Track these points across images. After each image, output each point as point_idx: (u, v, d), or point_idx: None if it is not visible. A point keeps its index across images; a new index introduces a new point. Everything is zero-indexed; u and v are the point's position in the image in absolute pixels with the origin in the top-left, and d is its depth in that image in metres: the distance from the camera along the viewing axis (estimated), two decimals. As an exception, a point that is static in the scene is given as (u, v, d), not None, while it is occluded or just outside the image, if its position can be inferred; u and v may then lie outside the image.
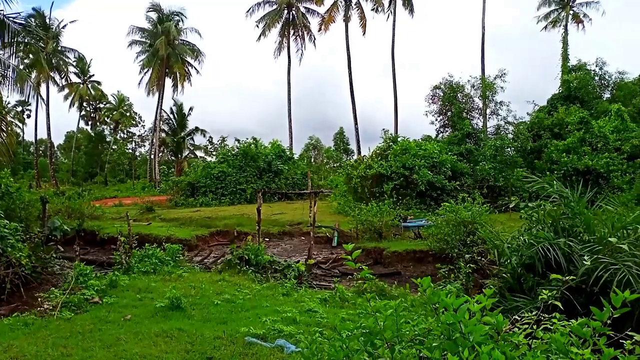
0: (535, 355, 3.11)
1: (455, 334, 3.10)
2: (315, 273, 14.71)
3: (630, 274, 5.72)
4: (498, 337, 3.44)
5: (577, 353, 3.08)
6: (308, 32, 52.95)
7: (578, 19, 46.19)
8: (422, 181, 26.74)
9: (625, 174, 26.17)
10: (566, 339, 3.25)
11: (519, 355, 3.20)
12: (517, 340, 3.55)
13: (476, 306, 3.23)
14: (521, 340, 3.55)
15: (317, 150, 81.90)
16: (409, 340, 4.06)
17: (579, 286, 6.14)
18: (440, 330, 3.25)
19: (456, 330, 3.09)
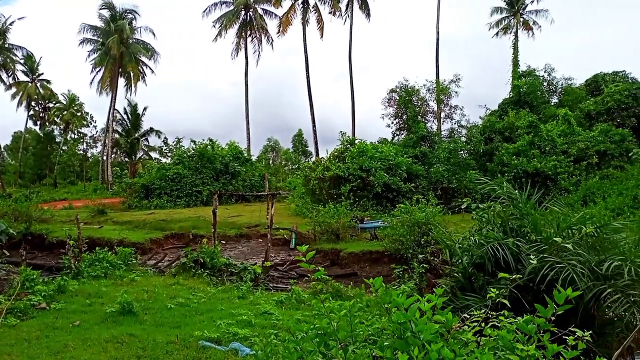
0: (483, 352, 3.19)
1: (406, 332, 3.15)
2: (272, 275, 14.65)
3: (575, 272, 5.95)
4: (448, 335, 3.52)
5: (522, 349, 3.19)
6: (266, 33, 52.73)
7: (528, 26, 47.86)
8: (378, 183, 27.08)
9: (572, 176, 27.29)
10: (512, 335, 3.35)
11: (467, 353, 3.27)
12: (466, 338, 3.64)
13: (427, 305, 3.29)
14: (470, 338, 3.64)
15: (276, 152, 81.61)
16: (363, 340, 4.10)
17: (527, 284, 6.35)
18: (391, 329, 3.30)
19: (407, 329, 3.14)
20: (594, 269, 6.21)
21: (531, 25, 47.64)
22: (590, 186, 24.18)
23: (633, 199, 19.57)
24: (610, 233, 7.11)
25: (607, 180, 24.63)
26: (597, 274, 6.22)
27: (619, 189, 21.90)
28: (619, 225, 7.25)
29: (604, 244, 6.83)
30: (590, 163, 27.81)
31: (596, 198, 22.22)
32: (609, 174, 25.58)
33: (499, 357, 3.27)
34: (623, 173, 24.27)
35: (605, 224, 7.00)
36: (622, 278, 6.13)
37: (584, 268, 6.04)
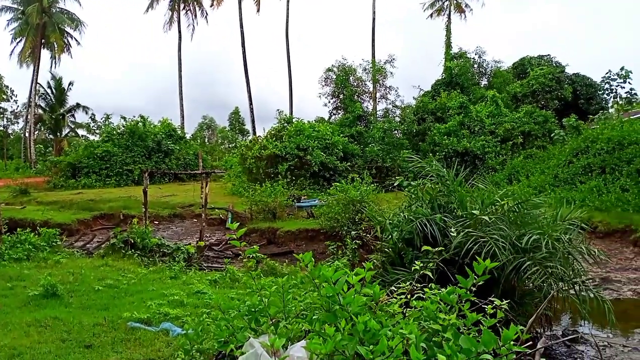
0: (408, 322, 3.31)
1: (334, 306, 3.20)
2: (207, 255, 14.47)
3: (496, 246, 6.26)
4: (376, 308, 3.62)
5: (444, 319, 3.33)
6: (200, 6, 51.14)
7: (460, 9, 49.20)
8: (315, 162, 27.23)
9: (499, 156, 28.65)
10: (435, 306, 3.49)
11: (393, 324, 3.38)
12: (392, 310, 3.76)
13: (355, 278, 3.36)
14: (396, 310, 3.77)
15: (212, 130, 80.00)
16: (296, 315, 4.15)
17: (453, 258, 6.62)
18: (320, 303, 3.35)
19: (335, 303, 3.20)
20: (514, 243, 6.55)
21: (464, 8, 48.99)
22: (515, 165, 25.47)
23: (554, 178, 20.78)
24: (530, 208, 7.51)
25: (530, 159, 26.02)
26: (517, 247, 6.56)
27: (542, 167, 23.20)
28: (539, 201, 7.68)
29: (524, 219, 7.21)
30: (516, 143, 29.25)
31: (520, 176, 23.44)
32: (533, 154, 27.02)
33: (423, 327, 3.41)
34: (545, 153, 25.70)
35: (525, 200, 7.39)
36: (540, 251, 6.52)
37: (505, 242, 6.35)
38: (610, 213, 16.42)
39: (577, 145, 21.29)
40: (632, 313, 10.12)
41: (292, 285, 5.25)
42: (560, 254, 6.64)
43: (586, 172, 19.52)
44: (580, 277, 7.11)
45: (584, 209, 16.47)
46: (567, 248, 6.86)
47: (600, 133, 20.44)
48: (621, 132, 19.59)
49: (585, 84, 36.00)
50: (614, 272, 12.88)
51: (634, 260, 13.89)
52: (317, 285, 3.35)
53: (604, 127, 21.30)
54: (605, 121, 22.84)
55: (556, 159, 22.37)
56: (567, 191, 18.87)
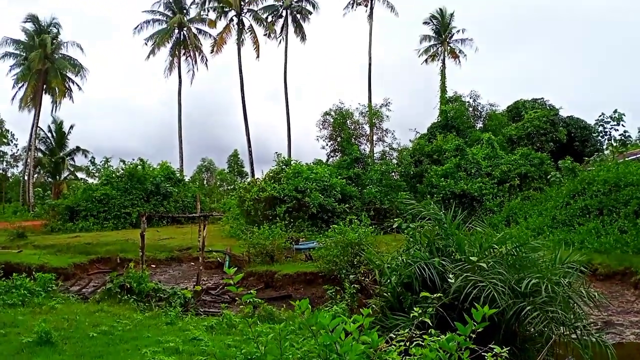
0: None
1: (332, 354, 3.16)
2: (204, 300, 14.29)
3: (495, 290, 6.22)
4: (374, 356, 3.56)
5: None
6: (200, 53, 52.25)
7: (454, 54, 50.31)
8: (313, 204, 27.23)
9: (496, 197, 28.70)
10: (435, 354, 3.45)
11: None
12: (391, 358, 3.71)
13: (352, 326, 3.32)
14: (395, 358, 3.71)
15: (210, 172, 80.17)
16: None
17: (452, 303, 6.56)
18: (318, 351, 3.30)
19: (332, 351, 3.16)
20: (514, 287, 6.52)
21: (457, 54, 50.12)
22: (512, 207, 25.49)
23: (552, 219, 20.79)
24: (529, 252, 7.50)
25: (528, 201, 26.07)
26: (517, 291, 6.52)
27: (539, 209, 23.22)
28: (537, 244, 7.68)
29: (523, 262, 7.20)
30: (513, 185, 29.37)
31: (518, 218, 23.44)
32: (530, 195, 27.09)
33: (423, 375, 3.35)
34: (542, 194, 25.78)
35: (524, 243, 7.39)
36: (540, 295, 6.46)
37: (504, 286, 6.32)
38: (609, 255, 16.36)
39: (573, 187, 21.40)
40: (635, 357, 9.96)
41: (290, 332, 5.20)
42: (560, 298, 6.59)
43: (584, 214, 19.55)
44: (582, 321, 7.03)
45: (583, 251, 16.51)
46: (567, 292, 6.81)
47: (597, 175, 20.58)
48: (617, 174, 19.74)
49: (579, 127, 36.47)
50: (616, 316, 12.73)
51: (635, 303, 13.75)
52: (314, 333, 3.31)
53: (599, 169, 21.47)
54: (601, 163, 23.06)
55: (553, 201, 22.44)
56: (565, 233, 18.85)
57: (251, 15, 50.62)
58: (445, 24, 49.90)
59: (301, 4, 51.26)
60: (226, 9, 49.78)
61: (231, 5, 48.94)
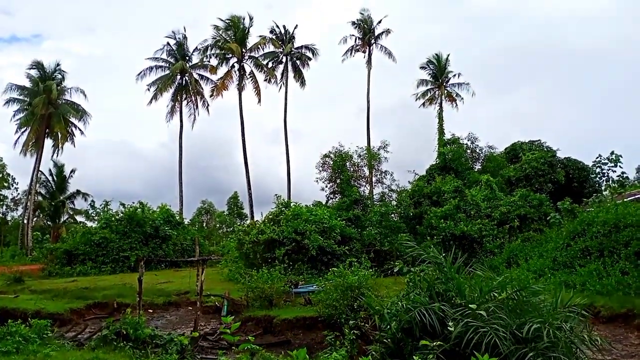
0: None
1: (330, 406, 3.12)
2: (201, 346, 14.02)
3: (497, 336, 6.14)
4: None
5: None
6: (201, 97, 53.18)
7: (451, 98, 51.21)
8: (313, 246, 27.08)
9: (496, 239, 28.58)
10: (435, 404, 3.39)
11: None
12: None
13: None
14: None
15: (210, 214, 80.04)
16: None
17: (453, 349, 6.46)
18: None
19: (331, 403, 3.11)
20: (515, 332, 6.43)
21: (454, 97, 51.04)
22: (513, 248, 25.35)
23: (553, 261, 20.63)
24: (530, 295, 7.44)
25: (528, 242, 25.93)
26: (518, 337, 6.43)
27: (540, 251, 23.08)
28: (538, 287, 7.62)
29: (524, 306, 7.12)
30: (513, 226, 29.30)
31: (519, 260, 23.25)
32: (530, 237, 26.97)
33: None
34: (542, 236, 25.66)
35: (524, 287, 7.33)
36: (541, 340, 6.37)
37: (505, 332, 6.24)
38: (612, 297, 16.15)
39: (573, 228, 21.34)
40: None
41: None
42: (562, 343, 6.49)
43: (585, 255, 19.43)
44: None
45: (585, 293, 16.33)
46: (570, 336, 6.72)
47: (596, 216, 20.56)
48: (616, 215, 19.71)
49: (577, 168, 36.70)
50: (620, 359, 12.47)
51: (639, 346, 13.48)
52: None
53: (598, 210, 21.46)
54: (600, 204, 23.08)
55: (554, 242, 22.32)
56: (566, 275, 18.68)
57: (252, 61, 51.84)
58: (441, 69, 51.01)
59: (301, 51, 52.56)
60: (228, 55, 51.00)
61: (233, 53, 50.15)
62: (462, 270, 8.30)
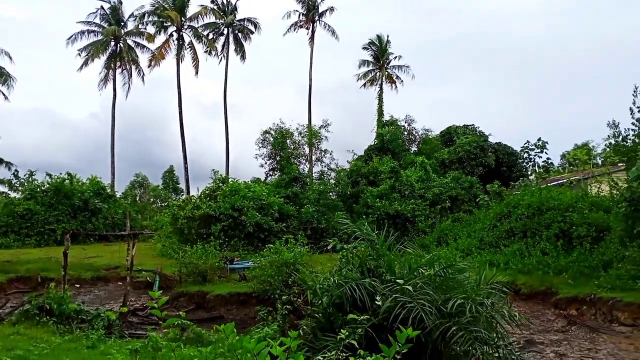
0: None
1: (256, 379, 3.10)
2: (130, 321, 13.70)
3: (423, 311, 6.36)
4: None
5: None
6: (137, 66, 50.90)
7: (391, 80, 51.87)
8: (250, 223, 26.93)
9: (428, 219, 29.58)
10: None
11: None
12: (317, 380, 3.69)
13: (279, 349, 3.29)
14: (321, 380, 3.70)
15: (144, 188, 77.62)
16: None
17: (382, 323, 6.64)
18: (242, 376, 3.23)
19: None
20: (440, 308, 6.69)
21: (394, 79, 51.72)
22: (443, 228, 26.36)
23: (480, 241, 21.63)
24: (456, 273, 7.75)
25: (458, 223, 27.04)
26: (443, 312, 6.69)
27: (468, 231, 24.13)
28: (463, 265, 7.94)
29: (450, 283, 7.41)
30: (444, 207, 30.41)
31: (449, 239, 24.23)
32: (460, 217, 28.13)
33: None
34: (471, 217, 26.83)
35: (451, 265, 7.63)
36: (465, 315, 6.67)
37: (431, 307, 6.47)
38: (532, 276, 17.17)
39: (500, 210, 22.41)
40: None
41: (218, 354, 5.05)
42: (484, 317, 6.83)
43: (509, 236, 20.48)
44: (504, 340, 7.30)
45: (508, 271, 17.24)
46: (491, 312, 7.07)
47: (521, 199, 21.66)
48: (540, 199, 20.85)
49: (506, 153, 38.43)
50: (537, 334, 13.30)
51: (556, 322, 14.44)
52: (239, 358, 3.25)
53: (524, 193, 22.61)
54: (525, 188, 24.31)
55: (481, 223, 23.39)
56: (492, 254, 19.66)
57: (192, 31, 50.12)
58: (382, 50, 51.46)
59: (243, 23, 51.37)
60: (166, 24, 49.03)
61: (172, 21, 48.26)
62: (393, 248, 8.51)
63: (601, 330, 12.89)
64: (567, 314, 14.67)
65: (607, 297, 13.90)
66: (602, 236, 17.66)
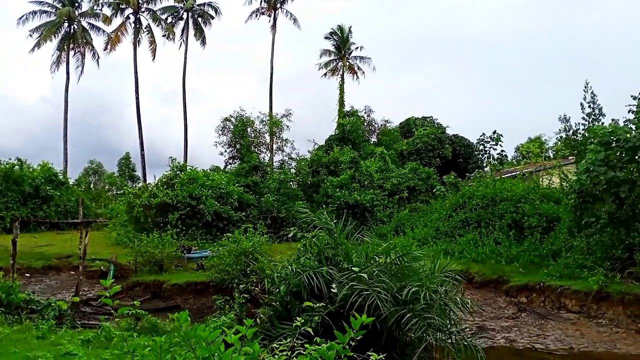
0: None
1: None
2: (83, 311, 13.38)
3: (379, 298, 6.47)
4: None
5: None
6: (91, 49, 49.13)
7: (353, 70, 51.99)
8: (208, 211, 26.62)
9: (386, 209, 30.00)
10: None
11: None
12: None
13: (234, 337, 3.27)
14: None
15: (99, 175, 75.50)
16: (173, 377, 3.91)
17: (338, 311, 6.71)
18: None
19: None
20: (396, 295, 6.82)
21: (356, 70, 51.87)
22: (401, 218, 26.80)
23: (436, 230, 22.10)
24: (411, 261, 7.90)
25: (415, 213, 27.53)
26: (398, 299, 6.83)
27: (425, 221, 24.62)
28: (418, 253, 8.11)
29: (405, 271, 7.56)
30: (402, 197, 30.92)
31: (406, 229, 24.65)
32: (417, 207, 28.63)
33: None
34: (428, 207, 27.35)
35: (406, 253, 7.77)
36: (419, 302, 6.82)
37: (387, 294, 6.59)
38: (485, 264, 17.71)
39: (456, 200, 22.94)
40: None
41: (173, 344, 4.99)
42: (437, 305, 7.01)
43: (464, 226, 21.01)
44: (457, 327, 7.51)
45: (462, 260, 17.72)
46: (444, 299, 7.26)
47: (476, 190, 22.24)
48: (494, 190, 21.46)
49: (463, 145, 39.33)
50: (489, 321, 13.76)
51: (506, 309, 14.98)
52: (192, 347, 3.22)
53: (479, 184, 23.22)
54: (480, 179, 24.94)
55: (438, 213, 23.89)
56: (447, 243, 20.14)
57: (150, 14, 48.73)
58: (344, 40, 51.45)
59: (203, 8, 50.28)
60: (122, 6, 47.48)
61: (129, 3, 46.77)
62: (351, 237, 8.60)
63: (549, 317, 13.46)
64: (517, 301, 15.23)
65: (555, 285, 14.52)
66: (552, 226, 18.36)
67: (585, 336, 11.93)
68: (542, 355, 10.74)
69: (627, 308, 12.57)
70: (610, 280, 13.13)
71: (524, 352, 11.04)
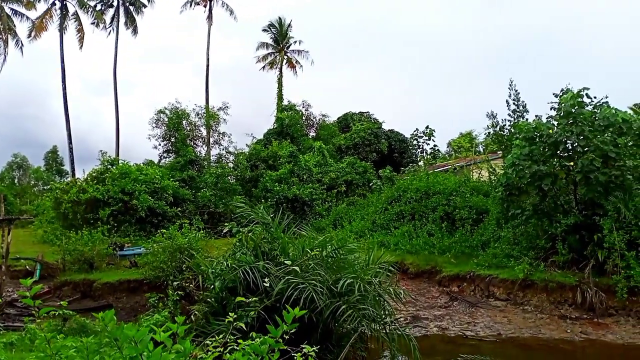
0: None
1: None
2: (7, 313, 12.67)
3: (314, 291, 6.52)
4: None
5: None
6: (14, 36, 46.16)
7: (291, 64, 51.85)
8: (142, 207, 25.79)
9: (325, 203, 30.26)
10: (246, 358, 3.48)
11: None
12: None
13: (163, 335, 3.19)
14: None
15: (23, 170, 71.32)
16: (101, 379, 3.77)
17: (275, 305, 6.71)
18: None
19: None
20: (331, 288, 6.90)
21: (294, 63, 51.77)
22: (339, 211, 27.13)
23: (372, 223, 22.54)
24: (347, 253, 8.02)
25: (352, 206, 27.95)
26: (334, 291, 6.91)
27: (362, 214, 25.04)
28: (353, 246, 8.24)
29: (341, 264, 7.66)
30: (340, 191, 31.29)
31: (344, 222, 24.99)
32: (354, 201, 29.09)
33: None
34: (365, 200, 27.84)
35: (341, 246, 7.88)
36: (354, 294, 6.94)
37: (323, 287, 6.65)
38: (419, 255, 18.25)
39: (391, 194, 23.48)
40: (438, 348, 11.21)
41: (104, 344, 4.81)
42: (371, 296, 7.16)
43: (399, 219, 21.55)
44: (391, 317, 7.71)
45: (397, 252, 18.18)
46: (378, 290, 7.43)
47: (410, 184, 22.85)
48: (427, 183, 22.13)
49: (398, 139, 40.23)
50: (423, 310, 14.22)
51: (439, 299, 15.52)
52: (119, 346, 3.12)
53: (413, 178, 23.86)
54: (414, 173, 25.64)
55: (374, 206, 24.36)
56: (383, 236, 20.59)
57: (77, 1, 46.38)
58: (283, 33, 51.22)
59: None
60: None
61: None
62: (289, 231, 8.61)
63: (479, 305, 14.08)
64: (449, 290, 15.82)
65: (484, 274, 15.19)
66: (482, 218, 19.17)
67: (512, 322, 12.57)
68: (473, 342, 11.22)
69: (550, 295, 13.36)
70: (534, 269, 13.86)
71: (455, 340, 11.49)
